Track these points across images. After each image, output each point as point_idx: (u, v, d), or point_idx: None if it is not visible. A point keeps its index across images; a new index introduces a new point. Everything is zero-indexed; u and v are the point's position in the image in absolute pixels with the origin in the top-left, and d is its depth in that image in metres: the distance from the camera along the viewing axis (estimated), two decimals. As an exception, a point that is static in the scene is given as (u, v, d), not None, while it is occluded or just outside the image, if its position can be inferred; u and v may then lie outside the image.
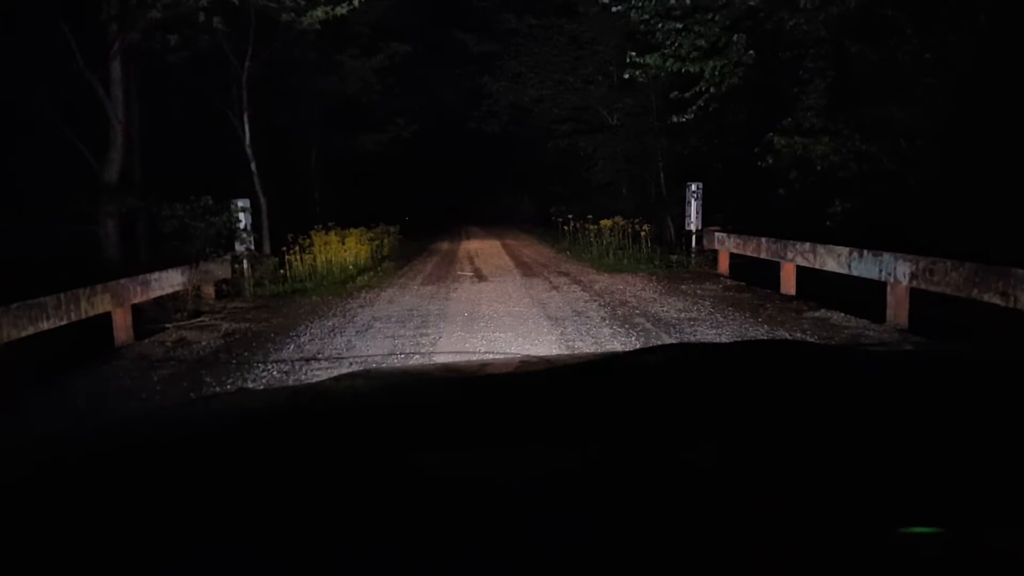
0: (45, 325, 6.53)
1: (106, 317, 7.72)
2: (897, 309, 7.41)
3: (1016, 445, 0.81)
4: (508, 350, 6.76)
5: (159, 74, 13.02)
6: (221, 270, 11.36)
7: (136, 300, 8.40)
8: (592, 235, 17.15)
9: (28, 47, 10.00)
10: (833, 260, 8.72)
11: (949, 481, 0.71)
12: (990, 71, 8.47)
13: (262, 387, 5.74)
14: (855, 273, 8.21)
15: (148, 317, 8.76)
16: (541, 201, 29.94)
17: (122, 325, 7.94)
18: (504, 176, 41.14)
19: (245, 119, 14.16)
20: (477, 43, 25.12)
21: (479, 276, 13.38)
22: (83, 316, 7.17)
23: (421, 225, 28.83)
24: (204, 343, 7.82)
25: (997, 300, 6.02)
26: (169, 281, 9.43)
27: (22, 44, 10.02)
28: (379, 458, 0.85)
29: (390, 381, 1.66)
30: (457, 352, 6.74)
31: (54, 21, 9.59)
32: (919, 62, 9.20)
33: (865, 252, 7.99)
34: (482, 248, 21.08)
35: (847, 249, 8.37)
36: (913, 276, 7.13)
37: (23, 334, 6.15)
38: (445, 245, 23.04)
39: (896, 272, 7.38)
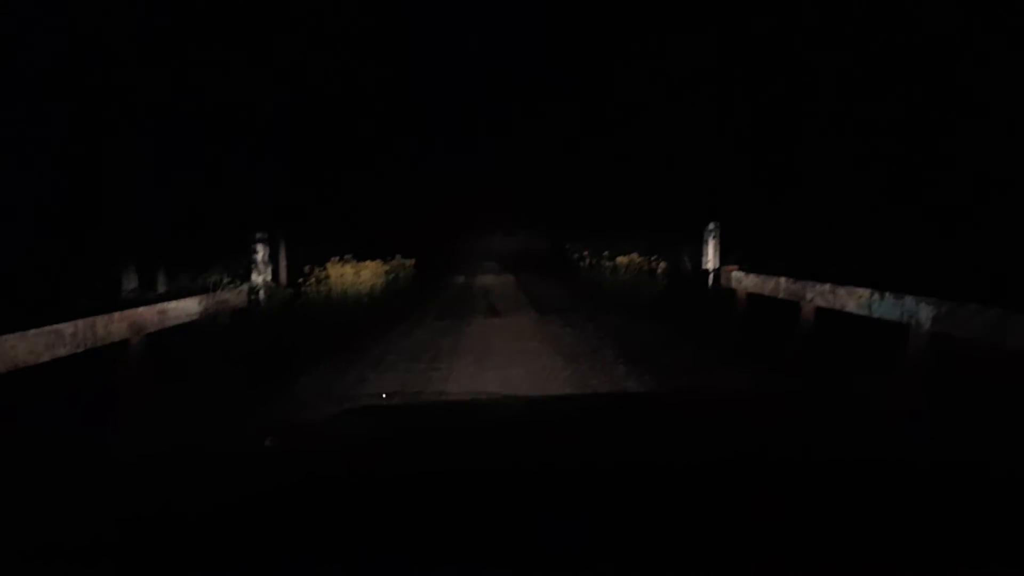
0: (62, 352, 6.52)
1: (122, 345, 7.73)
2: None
3: None
4: (522, 387, 6.70)
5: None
6: (238, 300, 11.39)
7: (152, 329, 8.41)
8: (607, 272, 17.10)
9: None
10: (854, 302, 8.61)
11: None
12: None
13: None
14: (875, 315, 8.10)
15: (163, 345, 8.77)
16: (557, 237, 29.99)
17: (138, 353, 7.93)
18: (520, 212, 41.38)
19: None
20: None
21: (493, 311, 13.35)
22: (100, 344, 7.17)
23: (436, 259, 28.94)
24: (214, 371, 7.80)
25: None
26: (185, 310, 9.44)
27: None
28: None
29: (395, 419, 1.67)
30: (468, 390, 6.68)
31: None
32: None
33: (887, 294, 7.88)
34: (497, 283, 21.09)
35: (868, 291, 8.26)
36: (935, 320, 7.01)
37: (40, 360, 6.15)
38: (460, 279, 23.08)
39: (918, 315, 7.27)
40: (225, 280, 10.94)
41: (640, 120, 18.18)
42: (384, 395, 6.50)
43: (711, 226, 14.21)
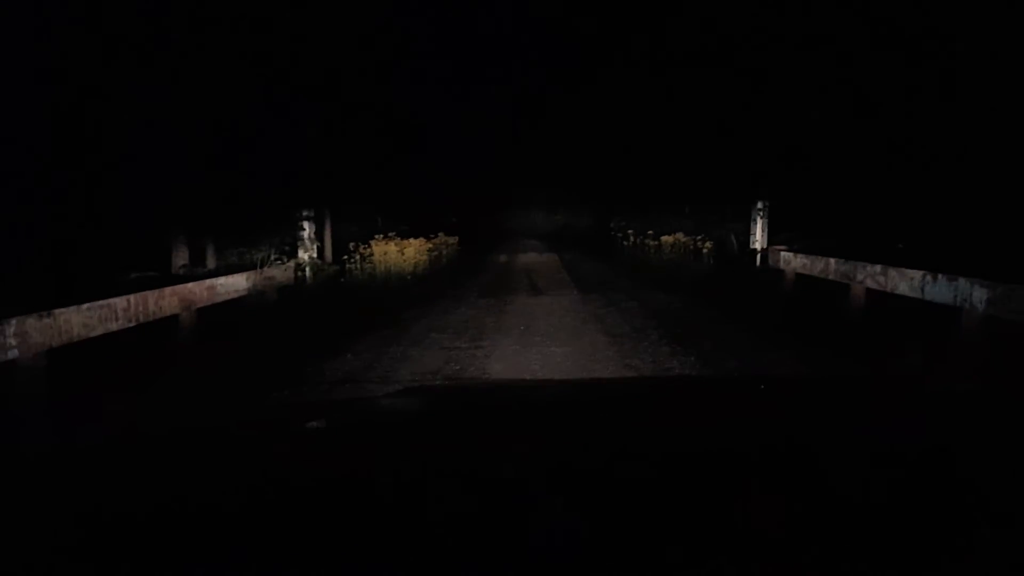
0: (114, 326, 6.72)
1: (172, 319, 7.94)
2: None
3: None
4: (564, 365, 6.69)
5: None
6: (284, 276, 11.60)
7: (201, 304, 8.62)
8: (652, 251, 16.94)
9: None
10: (906, 283, 8.39)
11: None
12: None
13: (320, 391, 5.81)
14: (928, 297, 7.88)
15: (212, 320, 8.98)
16: (600, 215, 29.76)
17: (188, 327, 8.15)
18: (563, 191, 41.08)
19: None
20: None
21: (536, 290, 13.33)
22: (151, 318, 7.38)
23: (477, 237, 28.96)
24: (261, 346, 7.95)
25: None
26: (234, 286, 9.66)
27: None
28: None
29: (434, 402, 1.67)
30: (510, 369, 6.69)
31: None
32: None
33: (939, 276, 7.66)
34: (540, 261, 21.04)
35: (920, 273, 8.04)
36: (989, 302, 6.79)
37: (92, 334, 6.34)
38: (503, 258, 23.07)
39: (972, 297, 7.05)
40: (272, 257, 11.14)
41: (691, 94, 17.85)
42: (424, 377, 6.56)
43: (759, 205, 13.97)
